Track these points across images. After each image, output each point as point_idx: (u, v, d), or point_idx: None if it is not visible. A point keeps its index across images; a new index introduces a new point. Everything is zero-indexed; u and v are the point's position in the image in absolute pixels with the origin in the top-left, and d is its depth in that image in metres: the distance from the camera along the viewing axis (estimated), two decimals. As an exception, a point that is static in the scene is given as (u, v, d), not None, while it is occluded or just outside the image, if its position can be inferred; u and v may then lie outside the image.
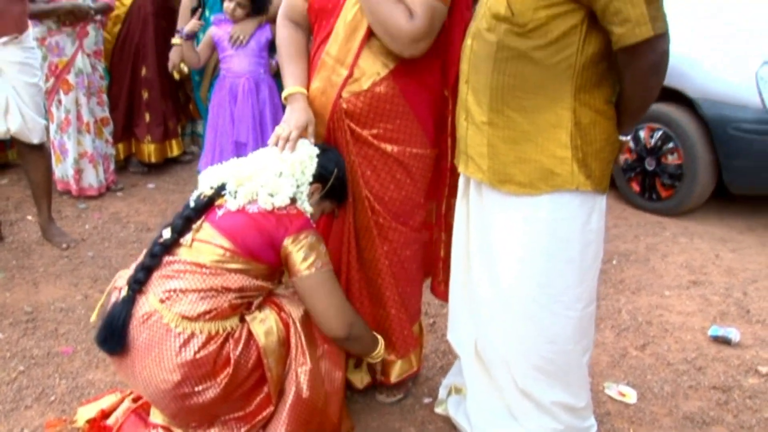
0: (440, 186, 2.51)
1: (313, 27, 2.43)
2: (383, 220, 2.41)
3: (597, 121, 2.02)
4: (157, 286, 2.06)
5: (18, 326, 3.09)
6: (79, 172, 4.48)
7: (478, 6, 2.15)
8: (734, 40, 4.15)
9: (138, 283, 2.07)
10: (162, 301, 2.03)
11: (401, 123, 2.33)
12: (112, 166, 4.70)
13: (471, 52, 2.12)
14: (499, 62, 2.03)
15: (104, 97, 4.61)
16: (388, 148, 2.34)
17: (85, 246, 3.87)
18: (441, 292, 2.59)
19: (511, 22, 1.98)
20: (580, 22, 1.93)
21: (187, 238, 2.10)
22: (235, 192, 2.16)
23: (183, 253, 2.09)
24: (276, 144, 2.26)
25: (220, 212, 2.14)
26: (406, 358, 2.56)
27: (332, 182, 2.30)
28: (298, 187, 2.23)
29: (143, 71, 4.77)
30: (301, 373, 2.18)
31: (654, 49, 1.90)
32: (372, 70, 2.29)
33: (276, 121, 3.93)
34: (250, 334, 2.12)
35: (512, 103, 2.04)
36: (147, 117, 4.86)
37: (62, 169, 4.49)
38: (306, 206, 2.24)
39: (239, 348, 2.08)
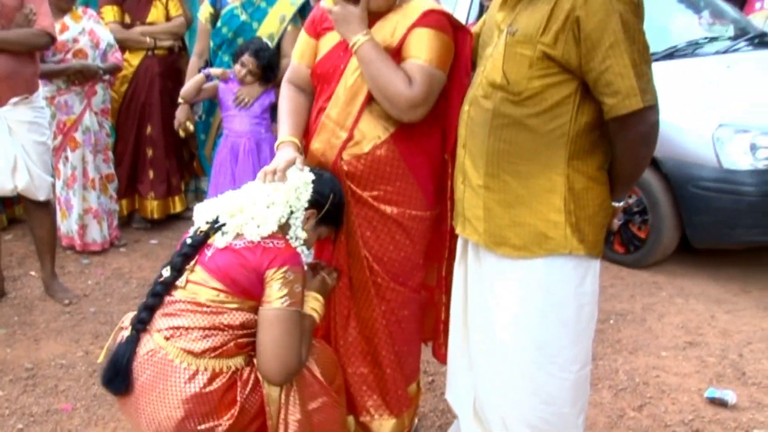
0: (441, 248, 2.54)
1: (315, 90, 2.51)
2: (381, 280, 2.44)
3: (590, 186, 2.08)
4: (161, 324, 2.07)
5: (18, 383, 3.10)
6: (83, 227, 4.54)
7: (476, 74, 2.23)
8: (694, 104, 4.32)
9: (141, 323, 2.09)
10: (167, 339, 2.05)
11: (401, 185, 2.38)
12: (115, 222, 4.76)
13: (468, 118, 2.19)
14: (495, 128, 2.09)
15: (110, 154, 4.70)
16: (388, 209, 2.39)
17: (87, 302, 3.91)
18: (442, 355, 2.59)
19: (506, 91, 2.05)
20: (574, 92, 2.00)
21: (181, 280, 2.12)
22: (225, 228, 2.17)
23: (180, 293, 2.11)
24: (264, 178, 2.28)
25: (209, 252, 2.14)
26: (400, 418, 2.57)
27: (328, 207, 2.31)
28: (292, 213, 2.24)
29: (148, 129, 4.87)
30: (291, 422, 2.15)
31: (644, 120, 1.97)
32: (373, 133, 2.35)
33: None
34: (257, 379, 2.12)
35: (508, 168, 2.09)
36: (151, 174, 4.94)
37: (67, 225, 4.55)
38: (299, 233, 2.25)
39: (246, 390, 2.08)
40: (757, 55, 4.97)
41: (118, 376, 2.05)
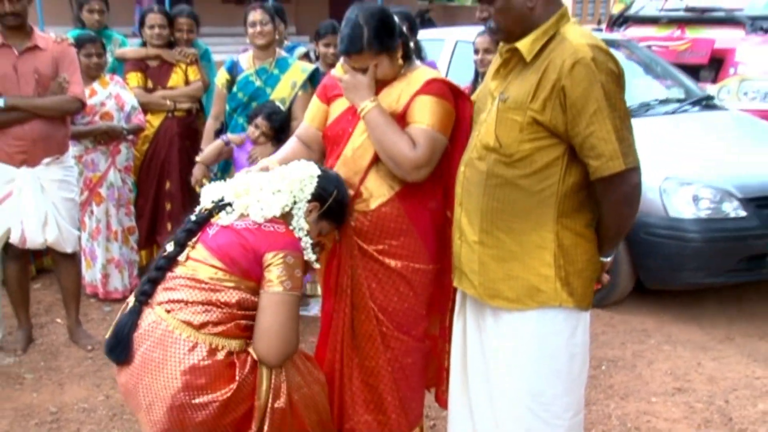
0: (444, 300, 2.57)
1: (326, 152, 2.58)
2: (386, 329, 2.47)
3: (578, 243, 2.12)
4: (162, 297, 2.07)
5: (43, 426, 3.12)
6: (106, 276, 4.58)
7: (471, 138, 2.29)
8: (645, 159, 4.35)
9: (144, 295, 2.09)
10: (168, 312, 2.04)
11: (405, 240, 2.43)
12: (135, 272, 4.80)
13: (464, 178, 2.24)
14: (489, 188, 2.14)
15: (132, 207, 4.76)
16: (392, 263, 2.43)
17: (108, 348, 3.92)
18: (444, 400, 2.61)
19: (499, 153, 2.11)
20: (562, 154, 2.06)
21: (183, 255, 2.11)
22: (231, 207, 2.18)
23: (180, 269, 2.10)
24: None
25: (211, 231, 2.15)
26: None
27: (330, 203, 2.32)
28: (295, 203, 2.25)
29: (167, 185, 4.93)
30: (276, 409, 2.12)
31: (626, 181, 2.02)
32: (379, 192, 2.41)
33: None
34: (254, 362, 2.10)
35: (501, 225, 2.14)
36: (169, 226, 4.98)
37: (91, 274, 4.59)
38: (302, 222, 2.25)
39: (245, 370, 2.06)
40: (701, 116, 5.21)
41: (120, 344, 2.04)
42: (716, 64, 6.63)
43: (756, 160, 4.52)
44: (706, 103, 5.38)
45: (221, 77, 4.23)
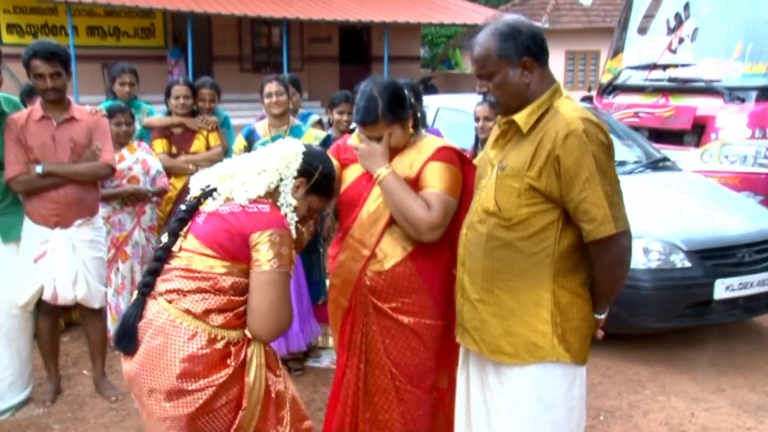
0: (452, 354, 2.56)
1: (341, 215, 2.62)
2: (399, 383, 2.47)
3: (574, 301, 2.14)
4: (162, 288, 2.05)
5: (69, 474, 3.09)
6: (129, 330, 4.58)
7: (472, 202, 2.33)
8: None
9: (146, 286, 2.06)
10: (169, 302, 2.02)
11: (416, 297, 2.46)
12: (157, 325, 4.81)
13: (466, 240, 2.27)
14: (489, 249, 2.18)
15: (155, 265, 4.79)
16: (405, 319, 2.45)
17: (131, 399, 3.89)
18: None
19: (498, 217, 2.15)
20: (557, 218, 2.10)
21: (176, 246, 2.07)
22: (217, 192, 2.11)
23: (175, 261, 2.06)
24: None
25: (200, 219, 2.09)
26: None
27: (317, 177, 2.25)
28: (282, 180, 2.19)
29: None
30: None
31: (617, 243, 2.06)
32: (393, 253, 2.44)
33: (298, 293, 4.08)
34: (245, 358, 2.05)
35: (501, 284, 2.16)
36: (191, 281, 5.01)
37: (116, 328, 4.59)
38: (289, 199, 2.19)
39: (239, 359, 2.02)
40: (656, 176, 5.35)
41: (126, 335, 2.02)
42: (699, 130, 6.72)
43: (700, 216, 4.73)
44: (662, 164, 5.54)
45: (239, 144, 4.31)
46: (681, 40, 7.28)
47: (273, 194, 2.19)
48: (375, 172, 2.42)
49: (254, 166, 2.18)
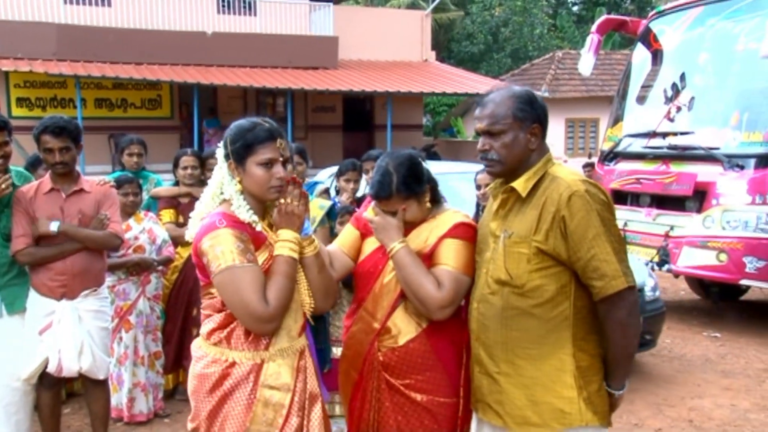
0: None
1: (357, 286, 2.56)
2: None
3: (593, 364, 2.14)
4: None
5: None
6: (131, 400, 4.55)
7: (478, 275, 2.32)
8: None
9: None
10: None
11: (431, 375, 2.38)
12: (160, 395, 4.77)
13: (478, 314, 2.25)
14: (506, 320, 2.16)
15: (158, 334, 4.79)
16: (418, 397, 2.37)
17: (132, 472, 3.85)
18: None
19: (511, 285, 2.15)
20: (569, 281, 2.11)
21: None
22: None
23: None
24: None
25: None
26: None
27: (232, 148, 2.21)
28: (223, 183, 2.23)
29: (194, 312, 4.98)
30: None
31: (627, 298, 2.06)
32: (407, 329, 2.39)
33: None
34: (254, 384, 2.15)
35: (520, 353, 2.15)
36: (194, 351, 4.99)
37: (117, 398, 4.56)
38: (230, 187, 2.20)
39: (239, 382, 2.15)
40: None
41: None
42: (700, 196, 6.79)
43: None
44: None
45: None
46: (678, 109, 7.43)
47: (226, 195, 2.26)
48: (388, 246, 2.38)
49: (206, 190, 2.32)
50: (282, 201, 2.23)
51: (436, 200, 2.53)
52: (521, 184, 2.17)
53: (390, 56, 19.89)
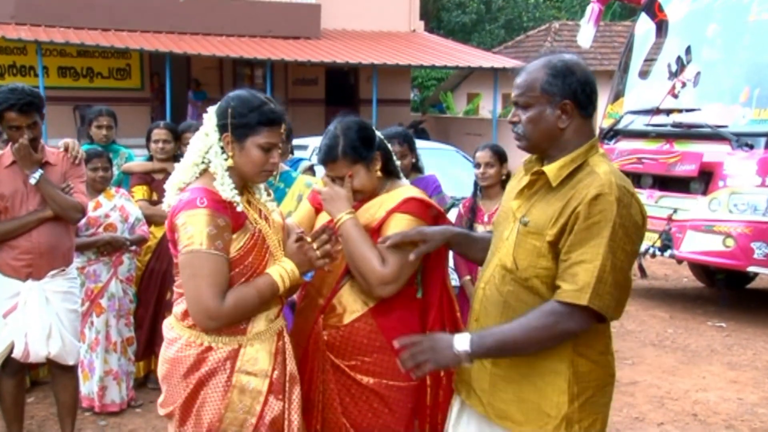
0: (434, 415, 2.51)
1: None
2: None
3: (593, 369, 2.09)
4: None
5: None
6: (103, 389, 4.52)
7: (490, 253, 2.26)
8: None
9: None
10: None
11: (378, 357, 2.40)
12: (132, 383, 4.74)
13: (483, 296, 2.21)
14: (507, 309, 2.12)
15: (131, 318, 4.75)
16: (365, 379, 2.39)
17: (103, 465, 3.83)
18: None
19: (515, 276, 2.10)
20: None
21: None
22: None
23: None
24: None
25: None
26: None
27: (233, 121, 2.20)
28: (207, 152, 2.22)
29: (168, 296, 4.94)
30: None
31: (573, 318, 1.98)
32: (353, 307, 2.41)
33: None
34: (230, 371, 2.17)
35: None
36: (169, 337, 4.96)
37: (88, 387, 4.52)
38: (219, 162, 2.19)
39: (216, 367, 2.17)
40: None
41: None
42: (706, 177, 6.81)
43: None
44: None
45: (227, 190, 4.31)
46: (684, 84, 7.44)
47: (208, 168, 2.24)
48: (335, 217, 2.38)
49: (185, 157, 2.29)
50: (308, 240, 2.26)
51: (391, 172, 2.56)
52: (553, 171, 2.08)
53: (376, 26, 19.75)
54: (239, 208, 2.21)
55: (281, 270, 2.21)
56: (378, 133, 2.57)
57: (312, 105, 19.30)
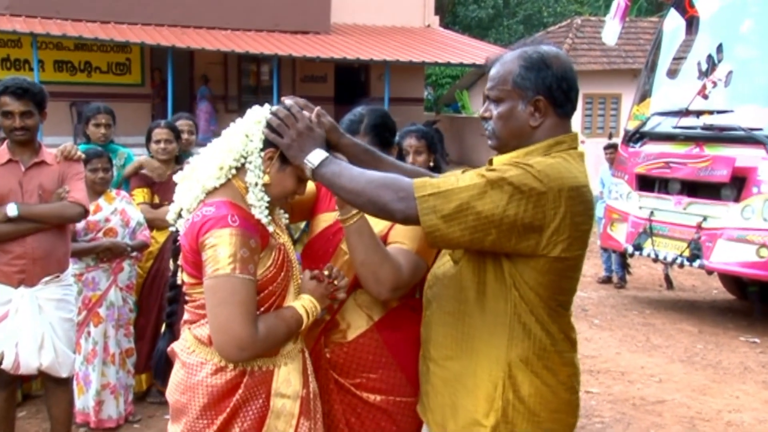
0: None
1: (303, 270, 2.53)
2: None
3: (537, 386, 2.01)
4: (185, 316, 2.16)
5: None
6: (99, 403, 4.49)
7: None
8: None
9: (169, 316, 2.22)
10: (189, 329, 2.13)
11: (384, 373, 2.38)
12: (131, 397, 4.71)
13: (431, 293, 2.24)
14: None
15: (131, 329, 4.72)
16: (371, 397, 2.37)
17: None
18: None
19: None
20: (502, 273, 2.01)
21: (179, 277, 2.18)
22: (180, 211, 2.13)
23: (186, 290, 2.14)
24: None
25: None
26: None
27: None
28: (246, 158, 2.10)
29: (171, 305, 4.92)
30: None
31: (402, 201, 1.96)
32: (358, 322, 2.38)
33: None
34: (266, 395, 2.09)
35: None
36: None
37: (83, 401, 4.50)
38: (256, 177, 2.09)
39: (250, 393, 2.07)
40: None
41: (158, 367, 2.28)
42: (738, 183, 6.76)
43: None
44: None
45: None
46: (715, 84, 7.38)
47: (237, 177, 2.11)
48: (348, 214, 2.23)
49: (208, 154, 2.14)
50: (325, 274, 2.23)
51: None
52: (501, 162, 2.04)
53: (388, 21, 19.75)
54: (271, 228, 2.13)
55: (305, 302, 2.16)
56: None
57: (320, 103, 18.81)
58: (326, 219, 2.48)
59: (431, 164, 4.27)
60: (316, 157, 2.04)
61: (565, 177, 1.94)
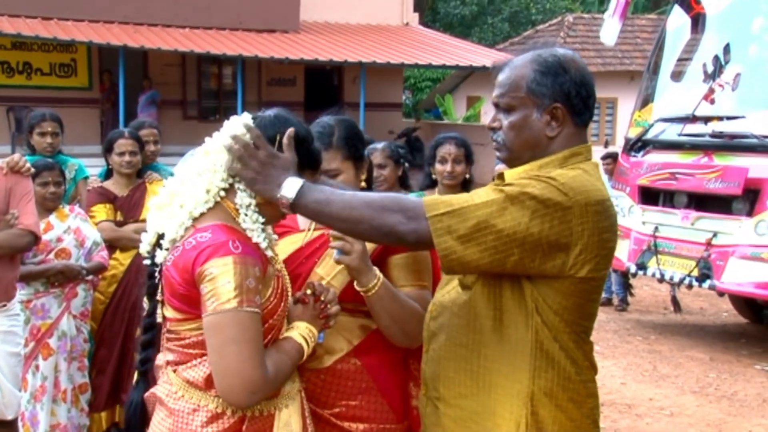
0: None
1: None
2: None
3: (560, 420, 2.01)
4: (167, 356, 2.09)
5: None
6: (49, 447, 4.41)
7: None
8: None
9: (144, 363, 2.15)
10: (174, 371, 2.06)
11: (365, 399, 2.40)
12: (85, 439, 4.64)
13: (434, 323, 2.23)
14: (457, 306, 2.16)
15: (86, 361, 4.65)
16: (353, 426, 2.38)
17: None
18: None
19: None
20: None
21: (159, 314, 2.13)
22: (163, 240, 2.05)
23: (168, 326, 2.09)
24: None
25: (163, 279, 2.05)
26: None
27: (277, 148, 2.05)
28: (234, 176, 2.03)
29: (138, 332, 4.85)
30: None
31: (412, 221, 1.96)
32: (336, 347, 2.39)
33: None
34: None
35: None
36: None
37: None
38: (245, 198, 2.03)
39: None
40: None
41: (134, 416, 2.15)
42: (751, 195, 6.82)
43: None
44: None
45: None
46: (723, 87, 7.46)
47: (225, 198, 2.05)
48: (370, 281, 2.25)
49: (190, 175, 2.07)
50: (308, 293, 2.20)
51: (371, 186, 2.68)
52: (513, 176, 2.04)
53: (363, 18, 19.85)
54: (269, 253, 2.10)
55: (302, 330, 2.13)
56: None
57: (289, 108, 19.19)
58: (294, 240, 2.47)
59: (467, 176, 4.31)
60: (290, 188, 1.96)
61: (590, 190, 1.95)
